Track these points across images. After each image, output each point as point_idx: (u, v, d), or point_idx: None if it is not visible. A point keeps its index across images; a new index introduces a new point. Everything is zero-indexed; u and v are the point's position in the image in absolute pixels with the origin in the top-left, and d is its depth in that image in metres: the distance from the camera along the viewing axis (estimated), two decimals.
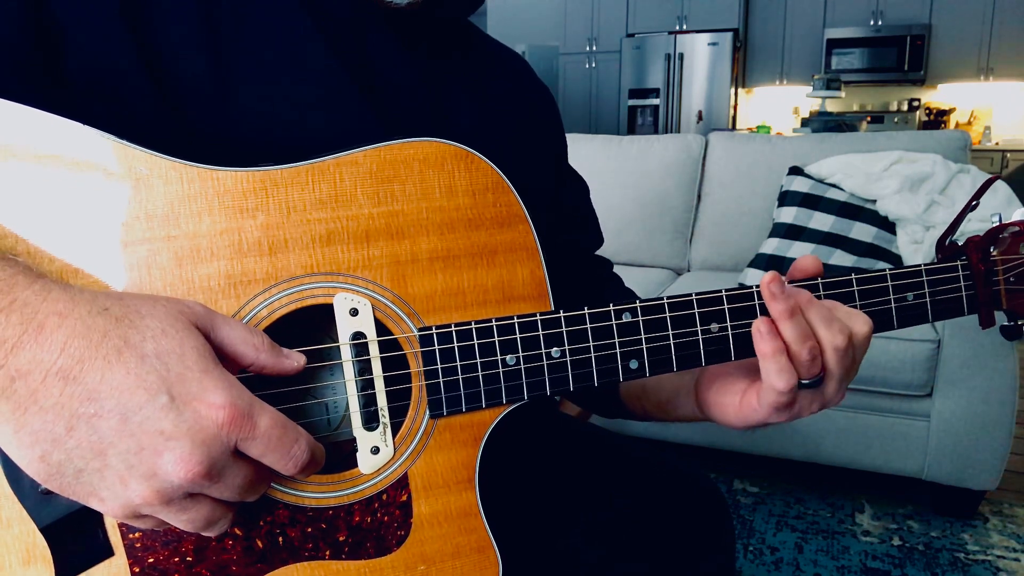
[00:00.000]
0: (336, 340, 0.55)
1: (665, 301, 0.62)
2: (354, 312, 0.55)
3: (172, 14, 0.58)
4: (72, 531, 0.50)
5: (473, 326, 0.58)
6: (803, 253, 2.41)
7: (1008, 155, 6.66)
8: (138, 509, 0.45)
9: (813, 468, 2.28)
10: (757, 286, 0.62)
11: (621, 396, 0.84)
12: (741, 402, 0.65)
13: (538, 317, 0.59)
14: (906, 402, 2.05)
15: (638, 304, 0.61)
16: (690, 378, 0.73)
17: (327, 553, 0.56)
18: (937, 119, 7.17)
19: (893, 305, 0.67)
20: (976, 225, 1.92)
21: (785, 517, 2.12)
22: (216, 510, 0.47)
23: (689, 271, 2.88)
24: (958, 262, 0.69)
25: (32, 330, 0.42)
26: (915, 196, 2.35)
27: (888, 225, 2.40)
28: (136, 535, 0.52)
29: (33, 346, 0.42)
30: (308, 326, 0.58)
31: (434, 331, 0.57)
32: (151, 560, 0.52)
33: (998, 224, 0.70)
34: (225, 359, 0.49)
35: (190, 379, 0.44)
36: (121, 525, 0.51)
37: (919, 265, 0.68)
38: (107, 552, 0.52)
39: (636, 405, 0.83)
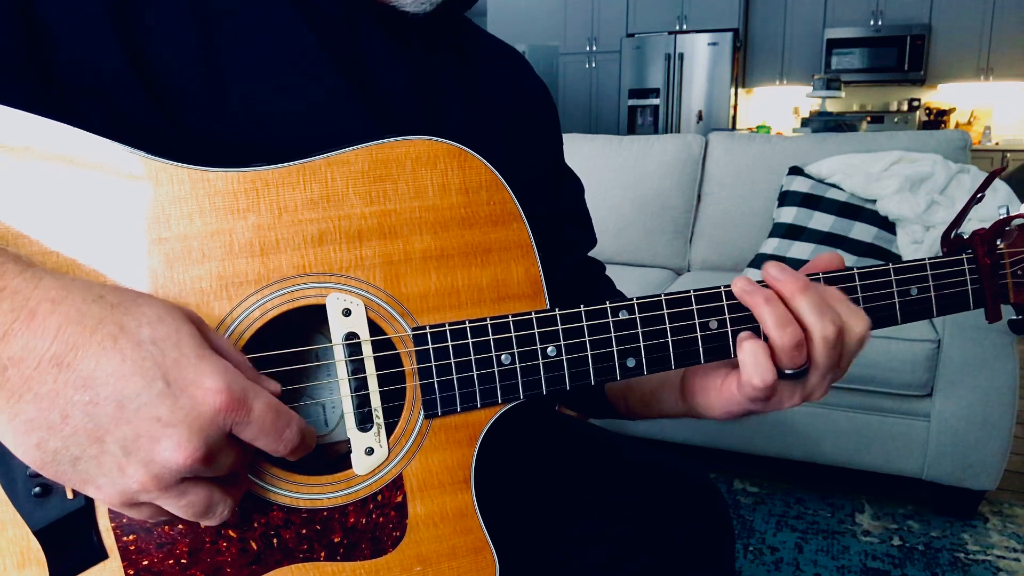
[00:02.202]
0: (329, 341, 0.55)
1: (663, 298, 0.61)
2: (347, 312, 0.55)
3: (162, 14, 0.58)
4: (66, 534, 0.50)
5: (467, 325, 0.58)
6: (803, 253, 2.42)
7: (1008, 155, 6.66)
8: (135, 496, 0.45)
9: (813, 468, 2.28)
10: (758, 282, 0.62)
11: (607, 395, 0.84)
12: (721, 386, 0.64)
13: (533, 316, 0.59)
14: (906, 402, 2.04)
15: (635, 301, 0.61)
16: (674, 372, 0.72)
17: (322, 554, 0.56)
18: (937, 119, 7.16)
19: (896, 300, 0.65)
20: (979, 225, 1.91)
21: (785, 517, 2.12)
22: (214, 494, 0.47)
23: (689, 271, 2.88)
24: (963, 255, 0.68)
25: (24, 317, 0.42)
26: (915, 196, 2.35)
27: (888, 225, 2.40)
28: (131, 537, 0.51)
29: (25, 333, 0.42)
30: (301, 327, 0.58)
31: (428, 330, 0.57)
32: (145, 562, 0.52)
33: (1005, 216, 0.69)
34: None
35: (186, 365, 0.44)
36: (116, 527, 0.51)
37: (923, 259, 0.67)
38: (101, 555, 0.51)
39: (620, 402, 0.82)
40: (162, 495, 0.45)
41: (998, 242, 0.68)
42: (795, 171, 2.61)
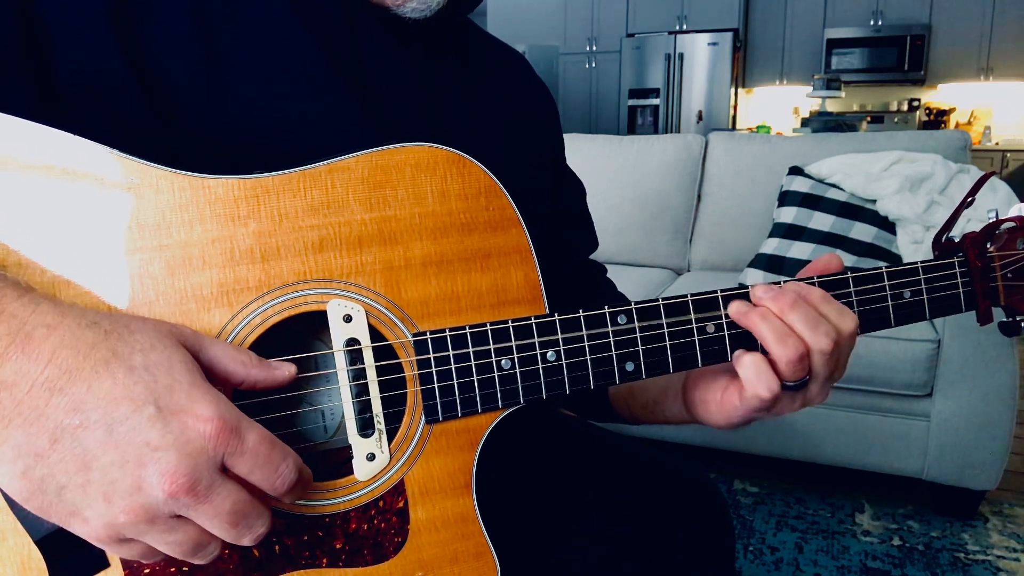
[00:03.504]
0: (330, 347, 0.55)
1: (661, 303, 0.62)
2: (348, 318, 0.55)
3: (163, 20, 0.58)
4: (67, 543, 0.50)
5: (468, 330, 0.58)
6: (803, 253, 2.42)
7: (1008, 155, 6.66)
8: (122, 529, 0.44)
9: (813, 468, 2.28)
10: (754, 286, 0.62)
11: (609, 399, 0.84)
12: (722, 399, 0.65)
13: (533, 321, 0.59)
14: (906, 402, 2.04)
15: (633, 306, 0.61)
16: (677, 379, 0.73)
17: (324, 561, 0.56)
18: (937, 119, 7.16)
19: (890, 303, 0.66)
20: (976, 226, 1.91)
21: (785, 517, 2.12)
22: (204, 532, 0.46)
23: (689, 271, 2.88)
24: (955, 259, 0.68)
25: (20, 341, 0.42)
26: (915, 196, 2.35)
27: (888, 225, 2.40)
28: None
29: (20, 357, 0.41)
30: (302, 333, 0.58)
31: (428, 336, 0.57)
32: (147, 572, 0.52)
33: (994, 220, 0.70)
34: (215, 379, 0.48)
35: (178, 391, 0.44)
36: None
37: (915, 262, 0.67)
38: (103, 564, 0.51)
39: (623, 408, 0.83)
40: (148, 528, 0.44)
41: (988, 245, 0.69)
42: (795, 171, 2.61)
